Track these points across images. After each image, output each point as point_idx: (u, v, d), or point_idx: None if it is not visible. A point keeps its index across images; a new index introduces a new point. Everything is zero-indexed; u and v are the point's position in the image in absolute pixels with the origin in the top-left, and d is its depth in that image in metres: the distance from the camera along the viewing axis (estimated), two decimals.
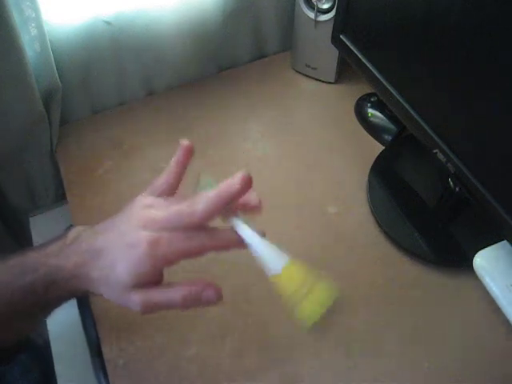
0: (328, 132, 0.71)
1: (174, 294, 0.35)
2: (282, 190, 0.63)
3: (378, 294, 0.53)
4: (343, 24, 0.62)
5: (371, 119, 0.71)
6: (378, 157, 0.65)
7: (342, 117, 0.73)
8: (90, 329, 0.56)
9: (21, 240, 0.78)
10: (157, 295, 0.35)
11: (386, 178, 0.63)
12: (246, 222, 0.36)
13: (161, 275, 0.37)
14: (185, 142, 0.40)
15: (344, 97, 0.76)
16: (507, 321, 0.48)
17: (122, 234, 0.35)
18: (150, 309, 0.35)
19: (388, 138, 0.69)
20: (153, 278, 0.35)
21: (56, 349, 0.55)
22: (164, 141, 0.70)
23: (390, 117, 0.70)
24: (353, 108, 0.74)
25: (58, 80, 0.63)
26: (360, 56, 0.60)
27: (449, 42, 0.46)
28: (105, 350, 0.48)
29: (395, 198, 0.61)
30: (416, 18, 0.49)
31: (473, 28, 0.42)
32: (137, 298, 0.34)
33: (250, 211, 0.38)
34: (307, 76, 0.79)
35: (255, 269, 0.55)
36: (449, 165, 0.50)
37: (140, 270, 0.34)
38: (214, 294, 0.35)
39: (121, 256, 0.34)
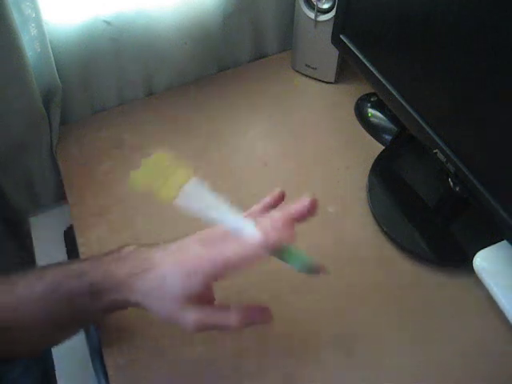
0: (328, 132, 0.71)
1: (230, 316, 0.36)
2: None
3: (377, 293, 0.53)
4: (343, 24, 0.62)
5: (371, 119, 0.71)
6: (378, 157, 0.65)
7: (342, 117, 0.73)
8: (90, 329, 0.56)
9: (21, 240, 0.78)
10: (212, 316, 0.36)
11: (386, 178, 0.63)
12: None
13: (211, 292, 0.38)
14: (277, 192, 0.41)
15: (344, 97, 0.76)
16: (507, 321, 0.48)
17: (177, 251, 0.37)
18: (202, 328, 0.35)
19: (388, 138, 0.69)
20: (203, 293, 0.36)
21: (56, 349, 0.55)
22: (164, 141, 0.70)
23: (390, 117, 0.70)
24: (353, 108, 0.74)
25: (58, 80, 0.64)
26: (360, 56, 0.60)
27: (449, 42, 0.46)
28: (105, 350, 0.48)
29: (395, 198, 0.61)
30: (416, 17, 0.49)
31: (473, 28, 0.42)
32: (191, 316, 0.35)
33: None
34: (307, 76, 0.79)
35: (256, 269, 0.55)
36: (449, 165, 0.50)
37: (191, 282, 0.35)
38: (269, 317, 0.37)
39: (173, 269, 0.36)
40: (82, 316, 0.40)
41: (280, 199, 0.43)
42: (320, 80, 0.78)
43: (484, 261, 0.50)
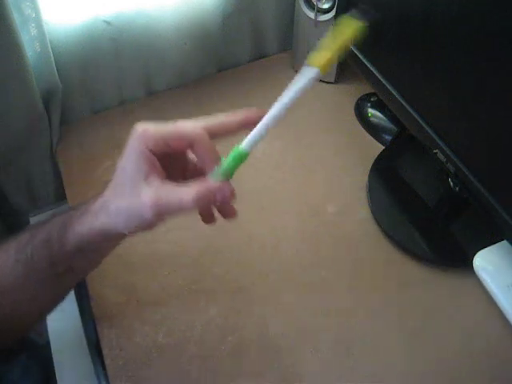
0: (328, 132, 0.71)
1: (186, 190, 0.32)
2: (281, 190, 0.63)
3: (377, 293, 0.53)
4: None
5: (371, 119, 0.71)
6: (378, 157, 0.65)
7: (342, 117, 0.73)
8: (89, 329, 0.57)
9: None
10: (167, 192, 0.32)
11: (386, 178, 0.63)
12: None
13: (161, 169, 0.34)
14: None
15: (344, 97, 0.76)
16: (507, 321, 0.48)
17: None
18: (160, 209, 0.32)
19: (388, 138, 0.69)
20: (153, 168, 0.33)
21: (56, 349, 0.55)
22: None
23: (390, 117, 0.70)
24: (353, 108, 0.74)
25: (58, 80, 0.64)
26: (360, 56, 0.60)
27: (449, 42, 0.46)
28: (105, 350, 0.48)
29: (395, 198, 0.61)
30: (416, 18, 0.49)
31: (473, 28, 0.42)
32: (147, 197, 0.32)
33: None
34: None
35: (255, 269, 0.55)
36: (449, 165, 0.50)
37: (133, 156, 0.33)
38: (228, 191, 0.34)
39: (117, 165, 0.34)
40: (58, 263, 0.38)
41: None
42: (320, 80, 0.78)
43: (484, 261, 0.50)
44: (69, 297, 0.55)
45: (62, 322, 0.57)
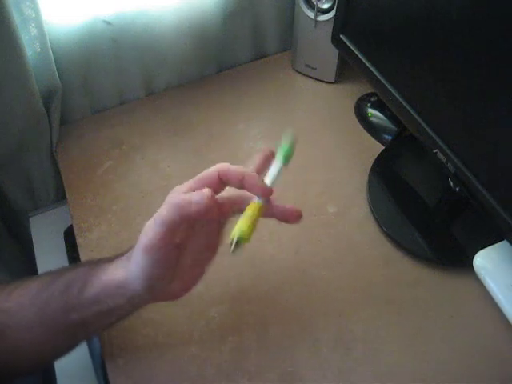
0: (328, 132, 0.71)
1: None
2: (281, 190, 0.63)
3: (377, 293, 0.53)
4: (343, 24, 0.62)
5: (371, 119, 0.71)
6: (378, 157, 0.65)
7: (342, 117, 0.73)
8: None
9: (21, 240, 0.78)
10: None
11: (386, 178, 0.63)
12: None
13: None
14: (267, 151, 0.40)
15: (344, 97, 0.76)
16: (507, 321, 0.48)
17: None
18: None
19: (388, 138, 0.69)
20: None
21: None
22: (164, 141, 0.70)
23: (390, 117, 0.70)
24: (353, 108, 0.74)
25: (58, 80, 0.64)
26: (360, 56, 0.60)
27: (449, 42, 0.46)
28: (105, 349, 0.48)
29: (395, 198, 0.61)
30: (416, 17, 0.49)
31: (473, 28, 0.42)
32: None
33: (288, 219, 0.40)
34: (307, 76, 0.79)
35: (255, 269, 0.55)
36: (449, 165, 0.50)
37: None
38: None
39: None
40: (75, 316, 0.39)
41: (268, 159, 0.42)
42: (320, 80, 0.78)
43: (484, 261, 0.50)
44: None
45: None
